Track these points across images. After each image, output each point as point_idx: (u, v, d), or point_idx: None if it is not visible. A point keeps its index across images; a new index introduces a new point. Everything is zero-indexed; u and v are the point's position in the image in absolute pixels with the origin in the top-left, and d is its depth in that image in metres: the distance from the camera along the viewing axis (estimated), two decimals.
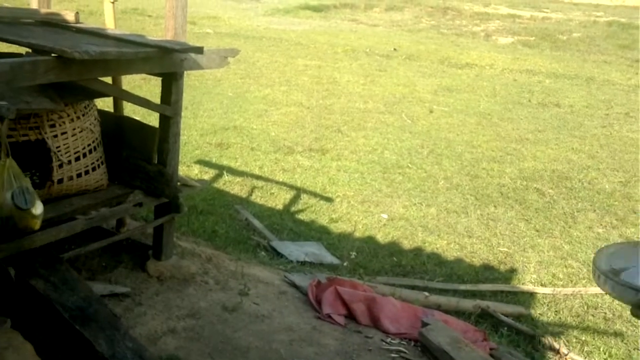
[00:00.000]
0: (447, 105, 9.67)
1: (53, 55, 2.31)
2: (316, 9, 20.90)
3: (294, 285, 3.39)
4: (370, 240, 4.72)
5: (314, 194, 5.53)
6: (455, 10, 21.19)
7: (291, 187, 5.68)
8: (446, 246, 4.73)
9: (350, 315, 3.12)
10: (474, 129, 8.38)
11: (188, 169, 5.68)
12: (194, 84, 8.99)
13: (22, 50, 2.68)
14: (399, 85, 10.82)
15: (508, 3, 22.56)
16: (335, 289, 3.16)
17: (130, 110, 3.50)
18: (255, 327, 2.84)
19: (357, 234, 4.82)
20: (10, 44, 2.44)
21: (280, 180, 5.83)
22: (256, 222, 4.67)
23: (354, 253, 4.38)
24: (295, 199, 5.39)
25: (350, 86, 10.46)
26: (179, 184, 3.04)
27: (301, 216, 5.08)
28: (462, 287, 4.07)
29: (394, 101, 9.64)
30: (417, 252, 4.56)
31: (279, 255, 4.11)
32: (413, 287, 3.85)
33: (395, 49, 14.30)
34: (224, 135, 7.03)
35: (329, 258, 4.23)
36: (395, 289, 3.58)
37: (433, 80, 11.51)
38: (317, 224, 4.96)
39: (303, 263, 3.98)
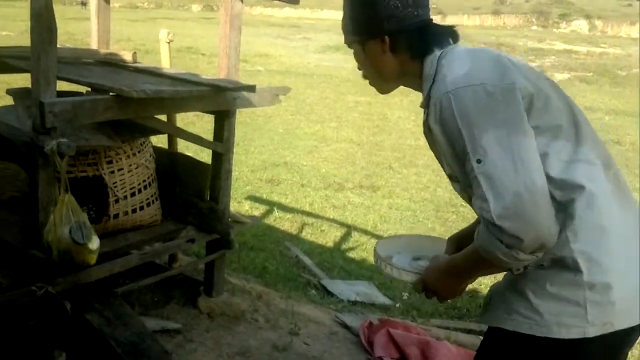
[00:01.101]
0: None
1: (112, 94, 2.38)
2: None
3: (345, 325, 3.31)
4: None
5: (365, 232, 5.46)
6: (509, 46, 21.04)
7: (342, 224, 5.63)
8: None
9: (403, 359, 3.01)
10: None
11: (239, 205, 5.72)
12: (245, 121, 9.15)
13: (83, 89, 2.78)
14: None
15: (564, 39, 22.28)
16: (388, 331, 3.07)
17: (184, 146, 3.56)
18: None
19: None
20: (71, 83, 2.53)
21: (331, 217, 5.80)
22: (306, 260, 4.63)
23: (406, 294, 4.27)
24: (345, 237, 5.34)
25: (401, 122, 10.44)
26: (230, 220, 3.04)
27: (352, 254, 5.01)
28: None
29: None
30: (473, 294, 4.41)
31: (330, 294, 4.05)
32: (469, 331, 3.69)
33: None
34: (275, 172, 7.09)
35: (381, 298, 4.14)
36: (450, 333, 3.45)
37: None
38: (369, 262, 4.88)
39: (354, 303, 3.90)
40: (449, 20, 28.95)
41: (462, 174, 1.40)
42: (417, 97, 1.53)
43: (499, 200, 1.28)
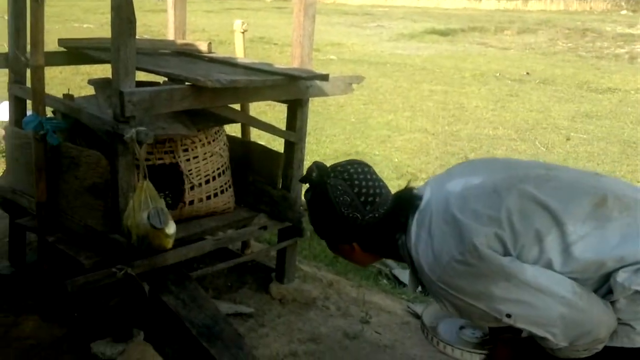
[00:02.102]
0: (586, 132, 9.02)
1: (187, 84, 2.44)
2: (443, 33, 20.61)
3: (417, 316, 3.26)
4: None
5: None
6: (596, 31, 19.92)
7: None
8: None
9: None
10: (617, 158, 7.71)
11: None
12: (317, 110, 9.17)
13: (160, 79, 2.86)
14: (531, 111, 10.29)
15: None
16: None
17: (256, 135, 3.61)
18: (377, 356, 2.76)
19: None
20: (149, 73, 2.62)
21: None
22: None
23: None
24: None
25: (479, 112, 10.13)
26: (302, 208, 3.06)
27: None
28: None
29: (527, 128, 9.16)
30: None
31: (401, 284, 4.00)
32: None
33: (527, 73, 13.70)
34: None
35: None
36: None
37: (570, 105, 10.83)
38: None
39: (426, 293, 3.83)
40: (530, 6, 27.75)
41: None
42: (497, 85, 1.45)
43: (555, 332, 1.32)
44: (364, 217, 1.49)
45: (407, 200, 1.55)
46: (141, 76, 2.42)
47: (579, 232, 1.36)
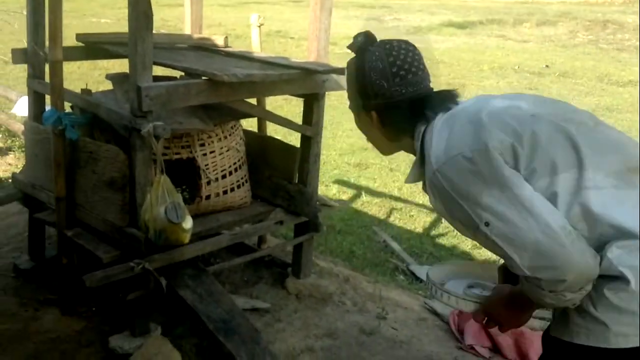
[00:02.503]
0: None
1: (204, 78, 2.43)
2: (461, 25, 20.41)
3: (434, 312, 3.25)
4: None
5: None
6: (617, 23, 19.56)
7: (431, 209, 5.50)
8: None
9: (495, 348, 2.91)
10: None
11: (327, 189, 5.74)
12: (334, 104, 9.13)
13: (177, 73, 2.86)
14: None
15: None
16: None
17: (272, 129, 3.60)
18: (393, 352, 2.74)
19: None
20: (166, 68, 2.62)
21: (420, 202, 5.68)
22: (394, 245, 4.57)
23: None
24: (435, 222, 5.22)
25: None
26: (318, 203, 3.05)
27: (442, 240, 4.89)
28: None
29: None
30: None
31: (418, 280, 3.98)
32: None
33: (547, 66, 13.53)
34: (363, 156, 7.04)
35: None
36: (545, 323, 3.29)
37: (590, 99, 10.67)
38: (459, 249, 4.75)
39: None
40: None
41: (477, 239, 1.39)
42: (516, 78, 1.43)
43: (523, 256, 1.28)
44: (389, 88, 1.50)
45: (443, 98, 1.54)
46: (158, 71, 2.42)
47: (597, 183, 1.33)
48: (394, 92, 1.50)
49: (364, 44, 1.56)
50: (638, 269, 1.29)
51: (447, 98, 1.55)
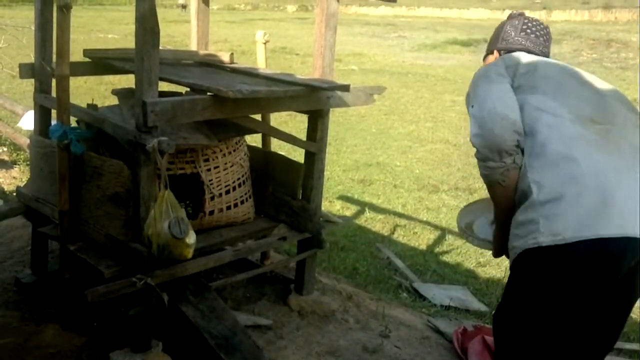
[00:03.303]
0: None
1: (209, 94, 2.44)
2: (465, 43, 20.54)
3: (437, 330, 3.22)
4: None
5: (460, 236, 5.29)
6: (621, 42, 19.66)
7: (435, 227, 5.49)
8: None
9: None
10: None
11: (330, 205, 5.74)
12: (338, 120, 9.17)
13: (182, 89, 2.88)
14: None
15: None
16: (483, 338, 2.94)
17: (276, 145, 3.62)
18: None
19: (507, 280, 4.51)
20: (171, 84, 2.63)
21: (424, 219, 5.68)
22: (398, 262, 4.55)
23: None
24: (439, 240, 5.20)
25: None
26: (321, 219, 3.04)
27: (446, 258, 4.87)
28: (627, 345, 3.61)
29: None
30: None
31: (422, 297, 3.96)
32: None
33: None
34: (367, 172, 7.05)
35: (476, 304, 3.99)
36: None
37: None
38: (463, 267, 4.73)
39: (447, 308, 3.78)
40: (554, 16, 27.48)
41: None
42: None
43: (474, 125, 1.85)
44: (515, 36, 2.22)
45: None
46: (164, 86, 2.43)
47: (555, 111, 1.84)
48: (516, 41, 2.16)
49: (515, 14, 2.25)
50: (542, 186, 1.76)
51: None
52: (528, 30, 2.16)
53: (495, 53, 2.18)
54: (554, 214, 1.71)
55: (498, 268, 4.69)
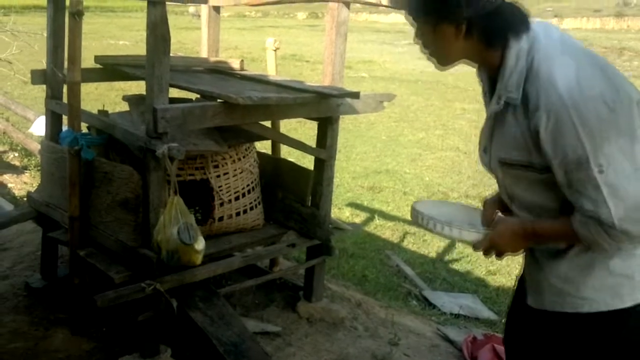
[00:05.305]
0: None
1: (220, 100, 2.45)
2: None
3: (447, 339, 3.20)
4: None
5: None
6: (633, 50, 19.53)
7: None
8: None
9: None
10: None
11: (339, 212, 5.72)
12: (348, 127, 9.16)
13: (192, 96, 2.89)
14: None
15: None
16: (493, 347, 2.92)
17: (286, 151, 3.61)
18: None
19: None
20: (182, 90, 2.64)
21: None
22: (407, 269, 4.53)
23: None
24: (449, 248, 5.17)
25: None
26: (331, 226, 3.04)
27: (456, 266, 4.84)
28: None
29: None
30: None
31: (431, 305, 3.93)
32: None
33: None
34: (376, 179, 7.03)
35: (486, 312, 3.96)
36: None
37: None
38: (473, 275, 4.70)
39: (457, 316, 3.75)
40: (566, 24, 27.37)
41: (545, 164, 1.44)
42: None
43: (620, 206, 1.35)
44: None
45: (522, 12, 1.51)
46: (174, 93, 2.44)
47: None
48: (487, 2, 1.45)
49: None
50: None
51: (526, 18, 1.51)
52: None
53: (463, 26, 1.48)
54: None
55: (508, 276, 4.65)
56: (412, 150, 8.55)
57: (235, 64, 3.21)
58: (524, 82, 1.44)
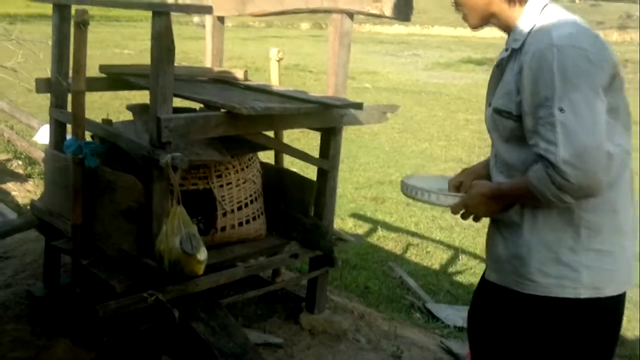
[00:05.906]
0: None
1: (223, 110, 2.45)
2: (479, 62, 20.53)
3: (450, 352, 3.17)
4: None
5: (474, 255, 5.23)
6: (636, 62, 19.53)
7: (449, 246, 5.44)
8: None
9: None
10: None
11: (342, 222, 5.71)
12: (351, 138, 9.17)
13: (196, 105, 2.89)
14: None
15: None
16: None
17: (289, 161, 3.61)
18: None
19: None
20: (185, 100, 2.64)
21: (437, 238, 5.62)
22: (411, 281, 4.51)
23: None
24: (453, 260, 5.15)
25: None
26: (333, 237, 3.02)
27: (459, 278, 4.82)
28: None
29: None
30: None
31: (435, 318, 3.90)
32: None
33: None
34: (380, 190, 7.02)
35: None
36: None
37: None
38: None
39: (461, 329, 3.72)
40: None
41: (520, 112, 1.57)
42: None
43: (568, 148, 1.45)
44: None
45: None
46: (177, 102, 2.44)
47: (627, 148, 1.62)
48: None
49: None
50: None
51: None
52: None
53: None
54: (598, 266, 1.58)
55: None
56: (416, 161, 8.55)
57: (239, 74, 3.22)
58: (528, 35, 1.60)
